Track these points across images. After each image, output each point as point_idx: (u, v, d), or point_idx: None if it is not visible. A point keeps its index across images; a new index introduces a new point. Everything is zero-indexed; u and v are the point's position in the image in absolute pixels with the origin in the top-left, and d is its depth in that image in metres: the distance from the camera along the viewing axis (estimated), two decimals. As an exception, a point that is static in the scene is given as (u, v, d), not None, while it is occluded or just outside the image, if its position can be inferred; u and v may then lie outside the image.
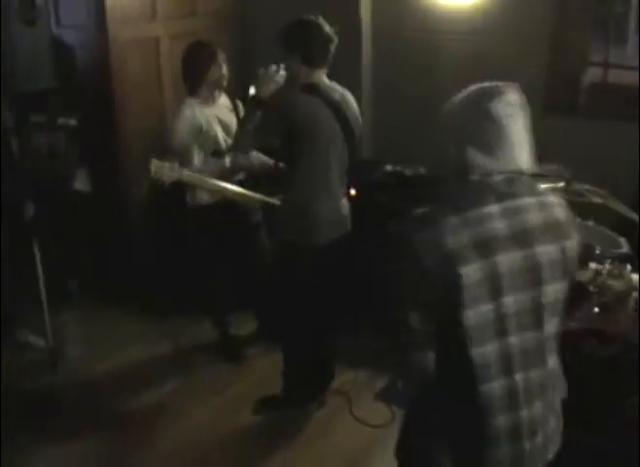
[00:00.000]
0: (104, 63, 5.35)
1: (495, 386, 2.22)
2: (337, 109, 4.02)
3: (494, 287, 2.15)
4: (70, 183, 5.46)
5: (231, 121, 4.75)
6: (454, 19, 5.28)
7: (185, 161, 4.56)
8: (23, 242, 4.76)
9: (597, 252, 3.83)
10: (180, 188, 4.63)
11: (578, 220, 4.22)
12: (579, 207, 4.17)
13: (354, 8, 5.56)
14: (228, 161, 4.71)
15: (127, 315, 5.48)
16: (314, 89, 3.97)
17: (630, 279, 3.54)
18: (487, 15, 5.14)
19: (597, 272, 3.57)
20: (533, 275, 2.20)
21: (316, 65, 3.96)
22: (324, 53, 3.94)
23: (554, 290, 2.25)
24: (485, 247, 2.14)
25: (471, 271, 2.11)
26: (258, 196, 4.50)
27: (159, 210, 5.45)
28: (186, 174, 4.38)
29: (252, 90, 4.08)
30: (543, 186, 4.15)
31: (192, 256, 5.02)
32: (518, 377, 2.24)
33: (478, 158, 2.20)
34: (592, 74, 5.15)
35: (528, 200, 2.24)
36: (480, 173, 2.20)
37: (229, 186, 4.52)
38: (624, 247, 4.02)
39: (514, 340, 2.21)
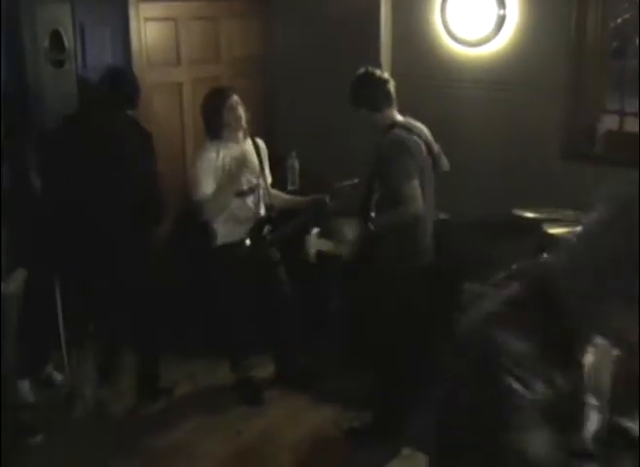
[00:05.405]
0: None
1: None
2: (419, 135, 4.33)
3: None
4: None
5: (256, 162, 4.87)
6: (472, 68, 5.34)
7: (210, 203, 4.66)
8: (45, 282, 4.84)
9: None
10: (204, 229, 4.70)
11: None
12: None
13: (375, 54, 5.65)
14: (250, 200, 4.81)
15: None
16: (393, 126, 4.30)
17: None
18: (505, 64, 5.21)
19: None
20: None
21: (382, 107, 4.31)
22: (384, 95, 4.31)
23: None
24: None
25: None
26: None
27: (179, 251, 5.48)
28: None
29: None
30: (559, 231, 4.23)
31: (212, 297, 5.05)
32: None
33: None
34: (609, 122, 5.21)
35: None
36: None
37: None
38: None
39: None
